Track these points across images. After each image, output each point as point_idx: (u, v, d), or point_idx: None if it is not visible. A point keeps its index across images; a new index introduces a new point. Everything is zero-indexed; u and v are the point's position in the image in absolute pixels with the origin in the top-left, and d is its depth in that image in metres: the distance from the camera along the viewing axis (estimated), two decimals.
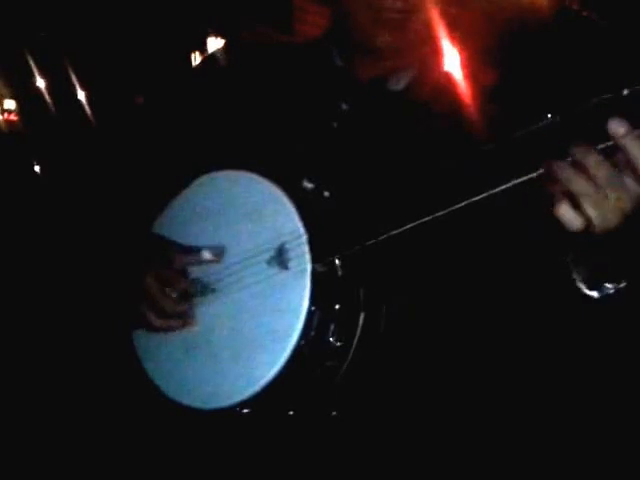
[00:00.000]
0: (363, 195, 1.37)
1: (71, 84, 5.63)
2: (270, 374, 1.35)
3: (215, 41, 5.70)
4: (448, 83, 1.52)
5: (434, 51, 1.51)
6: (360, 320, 1.36)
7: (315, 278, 1.35)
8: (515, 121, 1.25)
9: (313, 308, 1.34)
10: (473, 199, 1.21)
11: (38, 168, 4.40)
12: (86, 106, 5.47)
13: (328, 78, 1.57)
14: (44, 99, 5.64)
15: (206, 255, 1.47)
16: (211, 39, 5.74)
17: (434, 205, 1.25)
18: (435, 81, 1.53)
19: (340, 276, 1.37)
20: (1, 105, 6.02)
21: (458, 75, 1.51)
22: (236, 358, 1.41)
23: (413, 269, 1.42)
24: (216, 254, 1.47)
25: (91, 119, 5.29)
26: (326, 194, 1.43)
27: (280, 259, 1.39)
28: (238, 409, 1.39)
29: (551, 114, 1.17)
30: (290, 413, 1.41)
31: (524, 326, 1.41)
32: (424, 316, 1.43)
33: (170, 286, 1.46)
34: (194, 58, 5.64)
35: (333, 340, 1.35)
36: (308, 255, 1.37)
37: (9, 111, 5.97)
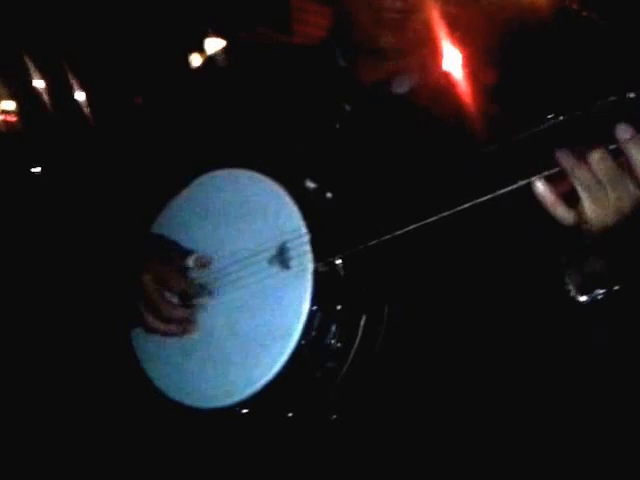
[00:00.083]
0: (365, 196, 1.36)
1: (70, 85, 5.63)
2: (270, 374, 1.34)
3: (214, 41, 5.70)
4: (449, 84, 1.51)
5: (435, 51, 1.51)
6: (362, 321, 1.35)
7: (316, 278, 1.34)
8: (516, 120, 1.26)
9: (314, 308, 1.33)
10: (476, 201, 1.21)
11: (37, 169, 4.40)
12: (85, 106, 5.47)
13: (331, 79, 1.56)
14: (43, 100, 5.64)
15: (190, 262, 1.47)
16: (210, 39, 5.74)
17: (436, 206, 1.24)
18: (436, 83, 1.53)
19: (342, 276, 1.36)
20: (0, 106, 6.02)
21: (459, 75, 1.51)
22: (236, 357, 1.40)
23: (415, 270, 1.41)
24: (200, 263, 1.46)
25: (90, 119, 5.29)
26: (328, 194, 1.43)
27: (281, 258, 1.38)
28: (237, 409, 1.38)
29: (556, 115, 1.18)
30: (289, 415, 1.40)
31: (522, 327, 1.41)
32: (425, 317, 1.43)
33: (168, 286, 1.45)
34: (193, 58, 5.64)
35: (334, 341, 1.34)
36: (310, 255, 1.35)
37: (8, 112, 5.97)
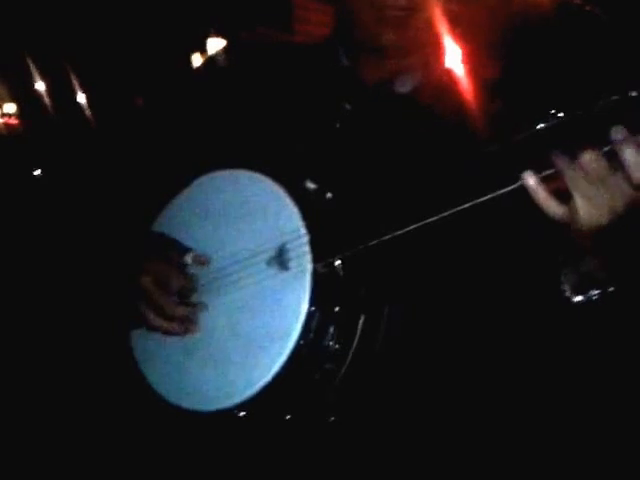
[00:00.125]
0: (365, 196, 1.35)
1: (71, 87, 5.64)
2: (269, 376, 1.33)
3: (215, 41, 5.70)
4: (451, 81, 1.50)
5: (437, 49, 1.50)
6: (360, 322, 1.34)
7: (315, 279, 1.33)
8: (519, 116, 1.26)
9: (313, 309, 1.32)
10: (476, 201, 1.21)
11: (38, 171, 4.40)
12: (86, 108, 5.48)
13: (333, 78, 1.55)
14: (44, 102, 5.65)
15: (188, 260, 1.47)
16: (211, 39, 5.74)
17: (436, 207, 1.24)
18: (439, 81, 1.52)
19: (341, 277, 1.35)
20: (1, 109, 6.03)
21: (461, 72, 1.50)
22: (235, 358, 1.39)
23: (414, 271, 1.40)
24: (198, 261, 1.46)
25: (91, 121, 5.30)
26: (328, 195, 1.41)
27: (280, 259, 1.37)
28: (235, 411, 1.37)
29: (557, 113, 1.18)
30: (287, 417, 1.39)
31: (520, 327, 1.40)
32: (424, 318, 1.41)
33: (168, 284, 1.44)
34: (194, 59, 5.64)
35: (332, 342, 1.33)
36: (309, 256, 1.35)
37: (9, 115, 5.98)
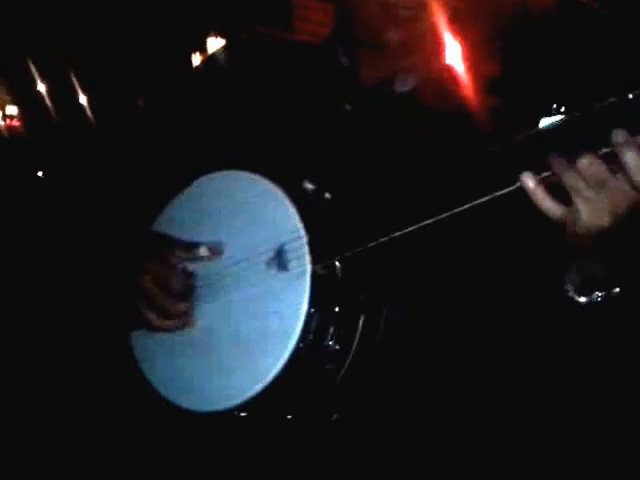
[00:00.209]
0: (364, 197, 1.35)
1: (73, 88, 5.63)
2: (269, 376, 1.33)
3: (215, 41, 5.69)
4: (452, 79, 1.50)
5: (438, 46, 1.49)
6: (360, 323, 1.34)
7: (315, 280, 1.33)
8: (519, 112, 1.26)
9: (312, 310, 1.32)
10: (475, 202, 1.20)
11: (40, 172, 4.40)
12: (87, 109, 5.47)
13: (332, 78, 1.54)
14: (45, 104, 5.65)
15: (203, 251, 1.45)
16: (211, 39, 5.74)
17: (436, 208, 1.23)
18: (439, 79, 1.51)
19: (340, 278, 1.35)
20: (3, 111, 6.04)
21: (461, 68, 1.50)
22: (235, 360, 1.39)
23: (414, 272, 1.40)
24: (214, 251, 1.45)
25: (92, 122, 5.30)
26: (327, 195, 1.42)
27: (279, 260, 1.37)
28: (236, 412, 1.37)
29: (558, 108, 1.18)
30: (288, 417, 1.39)
31: (521, 327, 1.40)
32: (424, 319, 1.41)
33: (168, 284, 1.44)
34: (194, 58, 5.63)
35: (332, 343, 1.33)
36: (308, 257, 1.35)
37: (11, 117, 5.99)
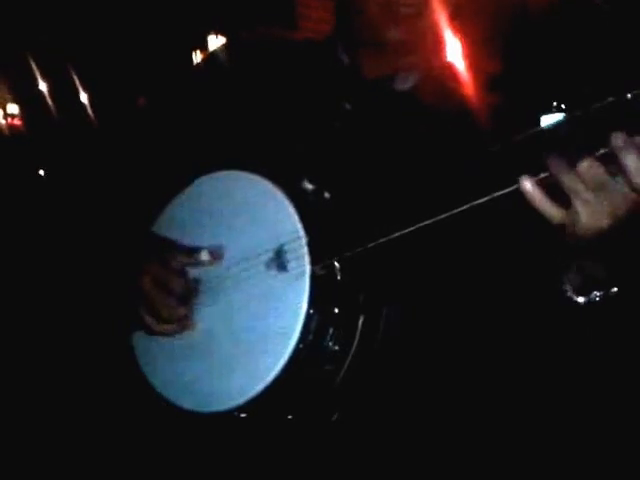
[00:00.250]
0: (364, 197, 1.34)
1: (74, 87, 5.63)
2: (269, 378, 1.33)
3: (216, 39, 5.69)
4: (452, 76, 1.50)
5: (439, 43, 1.49)
6: (359, 323, 1.34)
7: (314, 281, 1.33)
8: (520, 109, 1.26)
9: (312, 311, 1.32)
10: (475, 203, 1.20)
11: (41, 171, 4.40)
12: (88, 108, 5.47)
13: (333, 77, 1.54)
14: (46, 102, 5.65)
15: (204, 257, 1.45)
16: (212, 37, 5.73)
17: (436, 208, 1.23)
18: (440, 77, 1.51)
19: (339, 279, 1.35)
20: (4, 110, 6.03)
21: (462, 66, 1.50)
22: (235, 361, 1.39)
23: (413, 272, 1.40)
24: (214, 256, 1.45)
25: (93, 121, 5.29)
26: (326, 195, 1.41)
27: (279, 261, 1.37)
28: (236, 413, 1.38)
29: (559, 105, 1.17)
30: (289, 417, 1.39)
31: (520, 327, 1.40)
32: (424, 319, 1.41)
33: (167, 288, 1.44)
34: (195, 56, 5.63)
35: (332, 344, 1.33)
36: (307, 257, 1.35)
37: (12, 116, 5.99)
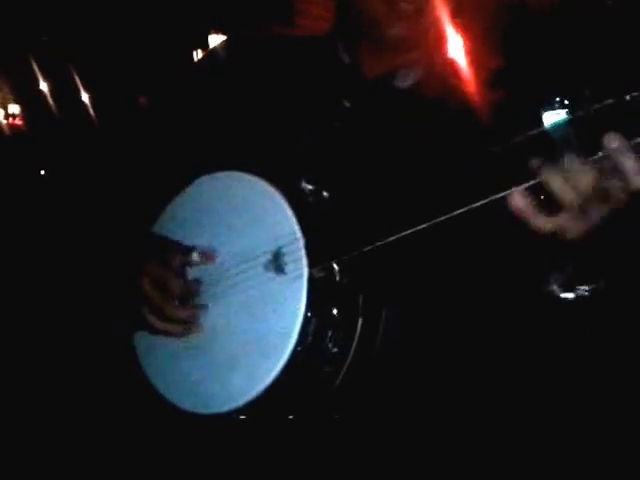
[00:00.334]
0: (363, 198, 1.33)
1: (75, 86, 5.64)
2: (267, 380, 1.33)
3: (217, 38, 5.68)
4: (454, 73, 1.49)
5: (440, 40, 1.48)
6: (358, 326, 1.33)
7: (312, 283, 1.32)
8: (522, 105, 1.26)
9: (309, 314, 1.32)
10: (476, 204, 1.19)
11: (42, 171, 4.41)
12: (89, 108, 5.48)
13: (332, 75, 1.53)
14: (47, 102, 5.65)
15: (195, 257, 1.45)
16: (213, 36, 5.73)
17: (437, 209, 1.22)
18: (441, 74, 1.50)
19: (338, 281, 1.34)
20: (5, 110, 6.04)
21: (463, 62, 1.49)
22: (234, 363, 1.38)
23: (413, 274, 1.39)
24: (206, 256, 1.44)
25: (94, 120, 5.30)
26: (325, 195, 1.40)
27: (277, 263, 1.36)
28: (235, 415, 1.37)
29: (562, 101, 1.17)
30: (290, 417, 1.39)
31: (520, 330, 1.40)
32: (423, 321, 1.41)
33: (167, 288, 1.43)
34: (196, 56, 5.63)
35: (331, 346, 1.33)
36: (305, 260, 1.34)
37: (14, 116, 6.00)
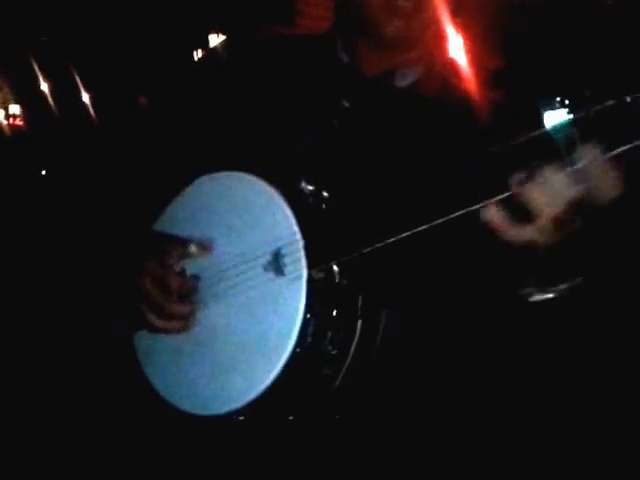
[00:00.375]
0: (363, 198, 1.33)
1: (76, 87, 5.63)
2: (267, 381, 1.33)
3: (217, 38, 5.68)
4: (454, 74, 1.49)
5: (440, 39, 1.48)
6: (358, 327, 1.33)
7: (311, 285, 1.32)
8: (523, 105, 1.26)
9: (309, 316, 1.31)
10: (476, 206, 1.19)
11: (43, 171, 4.40)
12: (89, 108, 5.47)
13: (331, 74, 1.53)
14: (48, 102, 5.65)
15: (192, 249, 1.45)
16: (213, 36, 5.73)
17: (437, 210, 1.22)
18: (441, 73, 1.50)
19: (338, 282, 1.34)
20: (6, 110, 6.04)
21: (464, 62, 1.49)
22: (233, 364, 1.38)
23: (413, 276, 1.39)
24: (202, 247, 1.45)
25: (95, 120, 5.29)
26: (325, 195, 1.40)
27: (276, 264, 1.36)
28: (235, 416, 1.37)
29: (563, 101, 1.17)
30: (290, 418, 1.39)
31: (519, 332, 1.40)
32: (422, 323, 1.41)
33: (166, 284, 1.43)
34: (196, 56, 5.62)
35: (330, 347, 1.33)
36: (304, 261, 1.34)
37: (14, 116, 5.99)
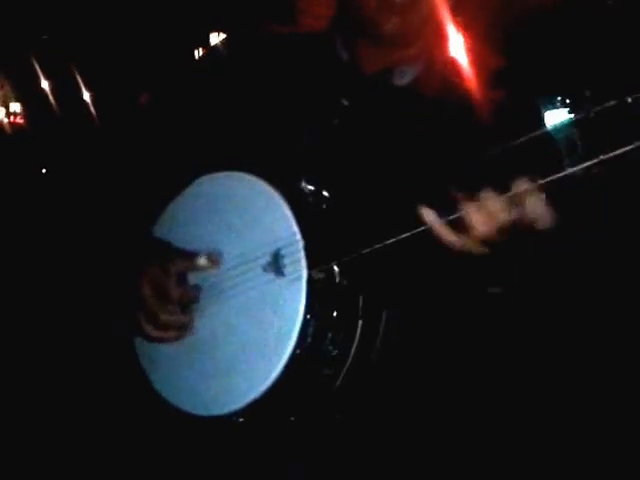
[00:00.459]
0: (363, 197, 1.33)
1: (77, 85, 5.63)
2: (268, 382, 1.33)
3: (218, 37, 5.67)
4: (455, 73, 1.49)
5: (440, 38, 1.48)
6: (358, 328, 1.33)
7: (311, 285, 1.32)
8: (523, 104, 1.26)
9: (309, 316, 1.31)
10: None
11: (43, 170, 4.40)
12: (90, 106, 5.47)
13: (331, 72, 1.53)
14: (49, 101, 5.65)
15: (202, 261, 1.44)
16: (214, 35, 5.72)
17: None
18: (441, 72, 1.50)
19: (338, 283, 1.34)
20: (7, 108, 6.04)
21: (464, 61, 1.49)
22: (234, 365, 1.38)
23: (412, 276, 1.39)
24: (212, 260, 1.44)
25: (95, 119, 5.29)
26: (325, 194, 1.40)
27: (276, 265, 1.36)
28: (235, 417, 1.37)
29: (564, 100, 1.17)
30: (291, 418, 1.39)
31: (518, 333, 1.40)
32: (423, 323, 1.41)
33: (166, 295, 1.43)
34: (197, 55, 5.62)
35: (331, 348, 1.32)
36: (304, 262, 1.33)
37: (15, 114, 6.00)
